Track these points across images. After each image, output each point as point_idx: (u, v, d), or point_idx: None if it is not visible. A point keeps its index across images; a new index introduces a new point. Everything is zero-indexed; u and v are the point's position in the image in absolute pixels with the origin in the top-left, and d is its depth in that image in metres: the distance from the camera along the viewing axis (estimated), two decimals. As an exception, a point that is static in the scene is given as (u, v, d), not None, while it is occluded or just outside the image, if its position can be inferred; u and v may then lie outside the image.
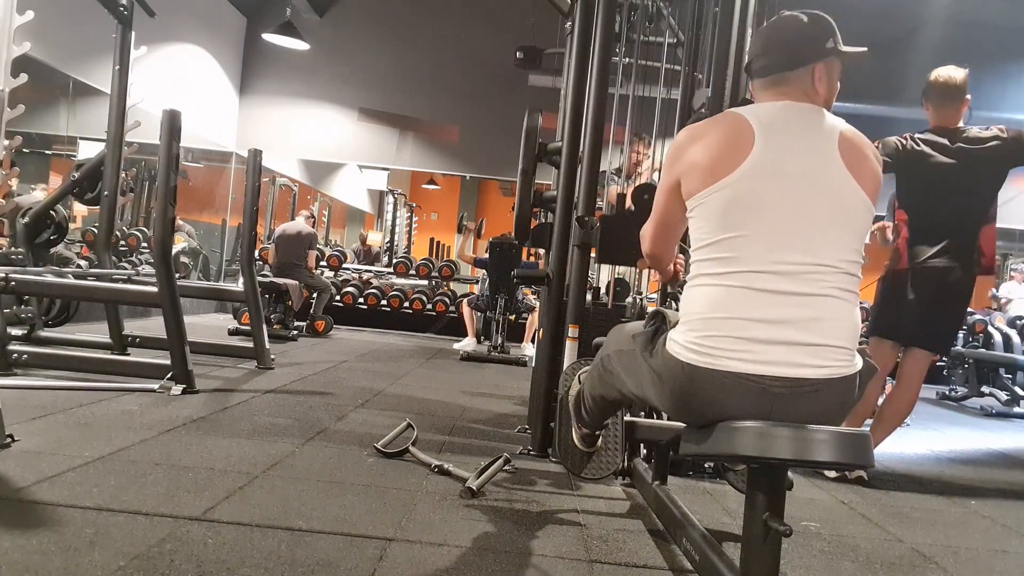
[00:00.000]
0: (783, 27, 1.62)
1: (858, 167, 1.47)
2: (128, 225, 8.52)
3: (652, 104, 3.70)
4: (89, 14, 4.80)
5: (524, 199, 3.13)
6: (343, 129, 9.97)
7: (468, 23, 9.70)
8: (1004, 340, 6.89)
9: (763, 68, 1.61)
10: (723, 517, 2.41)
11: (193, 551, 1.68)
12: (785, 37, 1.60)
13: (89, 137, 7.73)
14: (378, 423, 3.28)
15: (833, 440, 1.38)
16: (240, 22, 9.77)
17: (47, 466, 2.18)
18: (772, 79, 1.59)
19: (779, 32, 1.63)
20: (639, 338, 1.64)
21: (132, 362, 3.86)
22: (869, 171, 1.50)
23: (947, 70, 3.10)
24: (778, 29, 1.63)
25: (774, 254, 1.41)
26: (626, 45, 3.92)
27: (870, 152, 1.53)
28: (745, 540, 1.47)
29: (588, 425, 2.25)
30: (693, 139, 1.55)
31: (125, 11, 4.37)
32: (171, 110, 3.50)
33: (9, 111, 3.38)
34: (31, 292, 4.06)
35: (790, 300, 1.40)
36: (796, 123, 1.51)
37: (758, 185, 1.43)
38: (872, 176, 1.50)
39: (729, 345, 1.41)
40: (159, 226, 3.49)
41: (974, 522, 2.72)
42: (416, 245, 14.66)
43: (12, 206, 4.64)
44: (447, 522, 2.08)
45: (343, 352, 6.10)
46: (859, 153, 1.50)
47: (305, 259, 7.26)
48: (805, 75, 1.56)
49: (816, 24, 1.58)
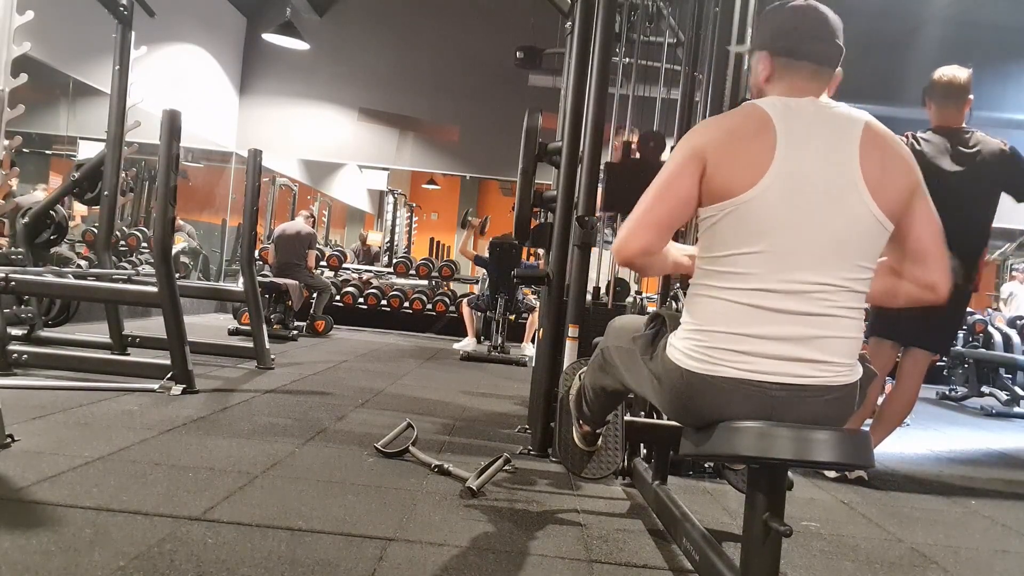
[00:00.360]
0: (826, 18, 1.51)
1: (878, 175, 1.41)
2: (128, 225, 8.52)
3: (652, 104, 3.71)
4: (89, 14, 4.80)
5: (524, 199, 3.13)
6: (343, 129, 9.97)
7: (468, 23, 9.70)
8: (1004, 340, 6.89)
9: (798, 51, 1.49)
10: (723, 517, 2.41)
11: (193, 551, 1.68)
12: (827, 31, 1.51)
13: (89, 137, 7.73)
14: (378, 423, 3.28)
15: (833, 440, 1.38)
16: (240, 22, 9.77)
17: (47, 466, 2.18)
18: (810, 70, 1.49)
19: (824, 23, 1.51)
20: (639, 340, 1.64)
21: (132, 362, 3.86)
22: (891, 176, 1.43)
23: (951, 69, 3.09)
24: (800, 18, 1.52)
25: (783, 274, 1.39)
26: (626, 45, 3.93)
27: (895, 149, 1.46)
28: (745, 540, 1.47)
29: (589, 421, 2.24)
30: (722, 132, 1.46)
31: (125, 11, 4.37)
32: (171, 110, 3.50)
33: (9, 111, 3.38)
34: (31, 292, 4.06)
35: (795, 319, 1.39)
36: (819, 131, 1.43)
37: (773, 204, 1.38)
38: (897, 184, 1.44)
39: (729, 356, 1.41)
40: (159, 226, 3.49)
41: (974, 522, 2.72)
42: (416, 245, 14.66)
43: (12, 206, 4.65)
44: (447, 522, 2.08)
45: (343, 352, 6.10)
46: (883, 154, 1.43)
47: (305, 259, 7.26)
48: (826, 77, 1.51)
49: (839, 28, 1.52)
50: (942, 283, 1.54)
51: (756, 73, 1.58)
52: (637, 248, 1.48)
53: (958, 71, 3.08)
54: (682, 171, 1.45)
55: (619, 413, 2.35)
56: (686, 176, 1.44)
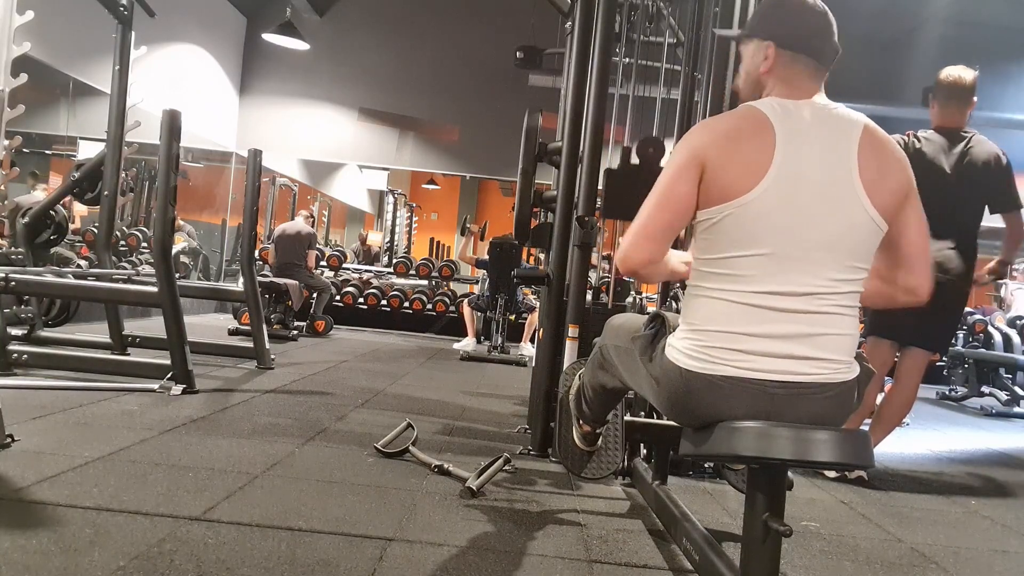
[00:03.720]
0: (828, 16, 1.52)
1: (875, 177, 1.42)
2: (128, 225, 8.52)
3: (652, 104, 3.71)
4: (89, 14, 4.80)
5: (524, 199, 3.13)
6: (343, 129, 9.97)
7: (468, 23, 9.70)
8: (1004, 340, 6.90)
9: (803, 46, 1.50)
10: (723, 517, 2.41)
11: (193, 551, 1.68)
12: (831, 29, 1.52)
13: (89, 137, 7.73)
14: (378, 423, 3.28)
15: (833, 440, 1.38)
16: (240, 22, 9.77)
17: (47, 466, 2.18)
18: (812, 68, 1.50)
19: (828, 21, 1.52)
20: (639, 341, 1.64)
21: (132, 362, 3.86)
22: (887, 178, 1.44)
23: (957, 70, 3.08)
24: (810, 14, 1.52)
25: (780, 276, 1.40)
26: (626, 45, 3.93)
27: (892, 152, 1.47)
28: (745, 540, 1.47)
29: (589, 420, 2.25)
30: (720, 135, 1.45)
31: (125, 11, 4.37)
32: (171, 110, 3.50)
33: (9, 111, 3.38)
34: (31, 292, 4.06)
35: (793, 317, 1.40)
36: (817, 133, 1.43)
37: (773, 207, 1.39)
38: (892, 185, 1.45)
39: (728, 355, 1.41)
40: (159, 226, 3.49)
41: (974, 522, 2.72)
42: (416, 245, 14.66)
43: (12, 206, 4.65)
44: (447, 522, 2.08)
45: (343, 352, 6.10)
46: (880, 157, 1.44)
47: (305, 259, 7.26)
48: (823, 76, 1.52)
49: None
50: (924, 286, 1.56)
51: (754, 62, 1.56)
52: (640, 260, 1.49)
53: (964, 72, 3.07)
54: (680, 177, 1.45)
55: (619, 413, 2.35)
56: (684, 183, 1.44)
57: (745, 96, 1.58)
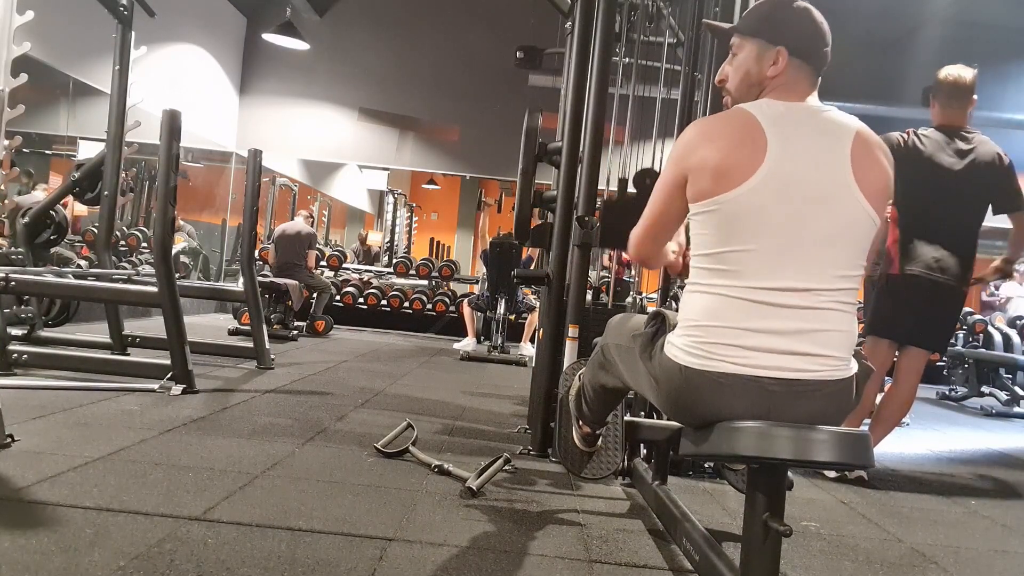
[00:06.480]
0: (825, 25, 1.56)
1: (868, 176, 1.45)
2: (128, 225, 8.52)
3: (652, 104, 3.71)
4: (89, 14, 4.80)
5: (524, 199, 3.13)
6: (343, 129, 9.97)
7: (468, 23, 9.70)
8: (1004, 340, 6.90)
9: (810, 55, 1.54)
10: (723, 517, 2.41)
11: (193, 551, 1.68)
12: (828, 39, 1.56)
13: (89, 137, 7.73)
14: (378, 423, 3.28)
15: (833, 440, 1.38)
16: (240, 22, 9.76)
17: (47, 466, 2.18)
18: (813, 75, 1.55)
19: (827, 30, 1.56)
20: (639, 339, 1.65)
21: (132, 362, 3.86)
22: (878, 178, 1.47)
23: (956, 69, 3.08)
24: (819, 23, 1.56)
25: (776, 271, 1.41)
26: (626, 45, 3.92)
27: (882, 155, 1.50)
28: (745, 540, 1.47)
29: (589, 421, 2.25)
30: (705, 138, 1.48)
31: (125, 11, 4.37)
32: (171, 110, 3.50)
33: (9, 111, 3.37)
34: (31, 292, 4.06)
35: (788, 312, 1.41)
36: (811, 134, 1.46)
37: (766, 202, 1.40)
38: (881, 185, 1.48)
39: (726, 351, 1.42)
40: (159, 226, 3.49)
41: (974, 522, 2.72)
42: (416, 245, 14.66)
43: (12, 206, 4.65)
44: (447, 522, 2.08)
45: (343, 352, 6.10)
46: (871, 158, 1.47)
47: (305, 259, 7.26)
48: (816, 82, 1.56)
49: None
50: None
51: (759, 64, 1.56)
52: (643, 255, 1.72)
53: (964, 71, 3.07)
54: (673, 190, 1.54)
55: (619, 413, 2.35)
56: (677, 199, 1.54)
57: (739, 96, 1.60)
